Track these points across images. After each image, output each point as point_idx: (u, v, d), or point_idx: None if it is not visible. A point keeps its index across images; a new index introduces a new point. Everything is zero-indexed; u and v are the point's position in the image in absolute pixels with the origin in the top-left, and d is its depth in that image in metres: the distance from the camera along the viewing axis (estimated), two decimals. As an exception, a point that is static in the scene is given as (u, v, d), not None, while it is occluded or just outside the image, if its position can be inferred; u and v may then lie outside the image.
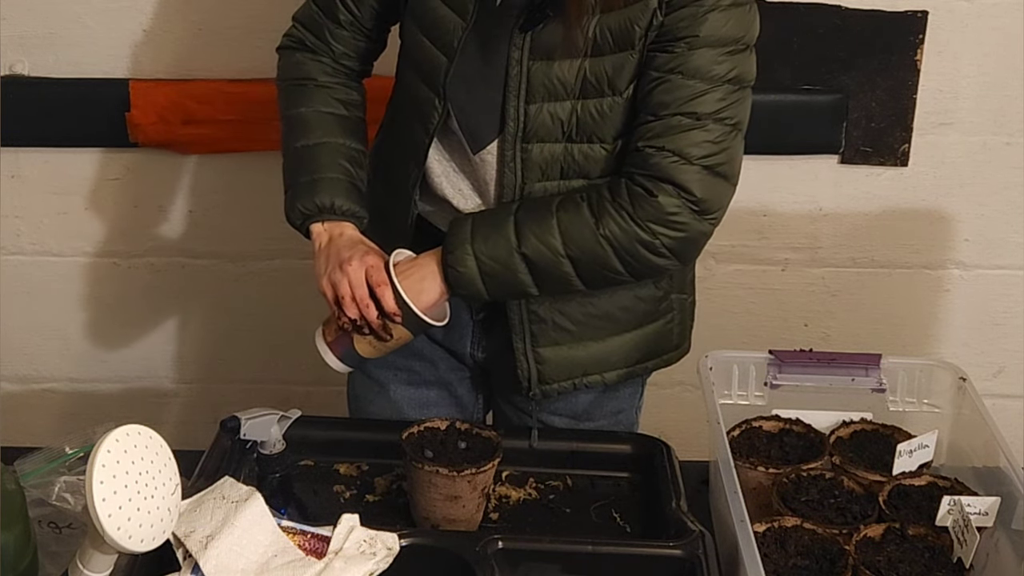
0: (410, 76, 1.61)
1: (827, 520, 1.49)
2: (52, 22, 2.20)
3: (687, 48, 1.45)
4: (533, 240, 1.50)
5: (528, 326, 1.63)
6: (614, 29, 1.46)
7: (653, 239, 1.49)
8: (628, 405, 1.78)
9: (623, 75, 1.49)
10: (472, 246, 1.50)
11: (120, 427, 1.23)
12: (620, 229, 1.49)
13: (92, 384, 2.50)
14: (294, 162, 1.62)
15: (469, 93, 1.54)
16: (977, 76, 2.22)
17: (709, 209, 1.49)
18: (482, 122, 1.55)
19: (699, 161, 1.47)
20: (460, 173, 1.61)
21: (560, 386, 1.67)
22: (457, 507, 1.49)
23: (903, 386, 1.70)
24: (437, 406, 1.78)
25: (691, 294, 1.75)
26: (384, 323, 1.51)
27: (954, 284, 2.37)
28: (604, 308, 1.64)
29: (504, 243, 1.50)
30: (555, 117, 1.51)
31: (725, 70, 1.46)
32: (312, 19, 1.66)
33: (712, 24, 1.45)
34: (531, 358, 1.65)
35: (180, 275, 2.40)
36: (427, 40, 1.55)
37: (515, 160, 1.54)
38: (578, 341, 1.65)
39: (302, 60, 1.66)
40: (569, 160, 1.53)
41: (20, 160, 2.31)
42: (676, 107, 1.46)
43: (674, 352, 1.74)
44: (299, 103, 1.64)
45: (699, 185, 1.48)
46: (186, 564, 1.30)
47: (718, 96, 1.47)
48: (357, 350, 1.55)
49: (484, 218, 1.54)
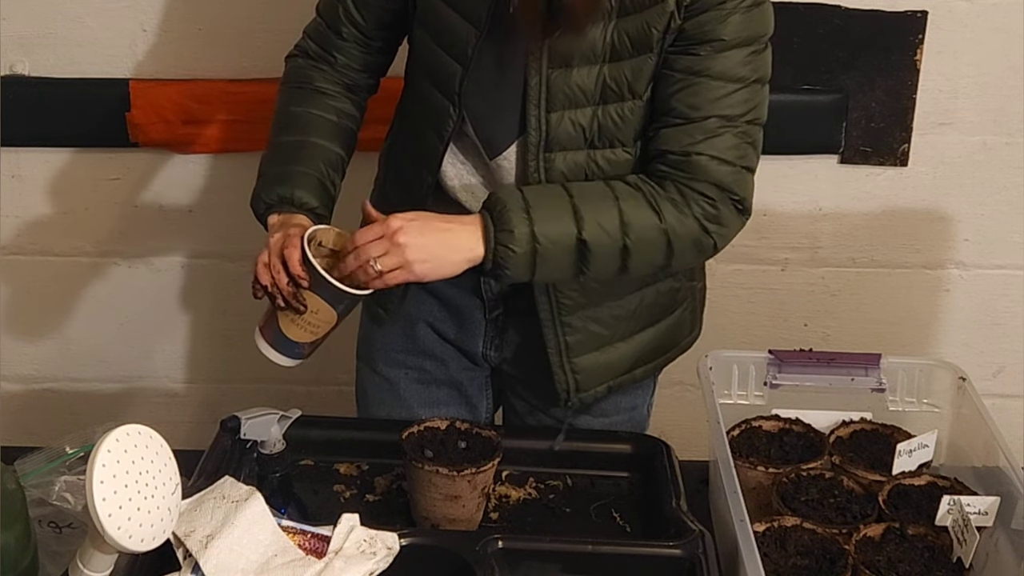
0: (422, 83, 1.59)
1: (827, 520, 1.49)
2: (52, 22, 2.20)
3: (713, 51, 1.45)
4: (595, 227, 1.46)
5: (563, 338, 1.63)
6: (631, 33, 1.46)
7: (708, 237, 1.50)
8: (641, 402, 1.79)
9: (642, 78, 1.49)
10: (532, 226, 1.44)
11: (120, 427, 1.22)
12: (680, 224, 1.49)
13: (92, 384, 2.50)
14: (271, 154, 1.61)
15: (485, 101, 1.53)
16: (977, 76, 2.22)
17: (748, 207, 1.53)
18: (498, 129, 1.54)
19: (737, 162, 1.49)
20: (474, 175, 1.61)
21: (596, 391, 1.68)
22: (457, 507, 1.49)
23: (903, 386, 1.70)
24: (447, 405, 1.77)
25: (700, 280, 1.76)
26: (296, 292, 1.46)
27: (954, 284, 2.37)
28: (629, 307, 1.65)
29: (566, 227, 1.46)
30: (576, 124, 1.50)
31: (750, 71, 1.47)
32: (317, 31, 1.66)
33: (735, 26, 1.45)
34: (568, 370, 1.65)
35: (180, 275, 2.40)
36: (439, 48, 1.54)
37: (539, 171, 1.53)
38: (609, 344, 1.66)
39: (304, 66, 1.66)
40: (592, 167, 1.53)
41: (20, 160, 2.31)
42: (707, 110, 1.47)
43: (688, 338, 1.76)
44: (292, 103, 1.64)
45: (738, 184, 1.50)
46: (186, 564, 1.30)
47: (746, 96, 1.48)
48: (285, 332, 1.49)
49: (538, 197, 1.47)
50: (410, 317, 1.74)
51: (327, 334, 1.50)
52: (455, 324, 1.73)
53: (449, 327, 1.74)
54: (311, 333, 1.49)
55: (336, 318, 1.48)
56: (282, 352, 1.51)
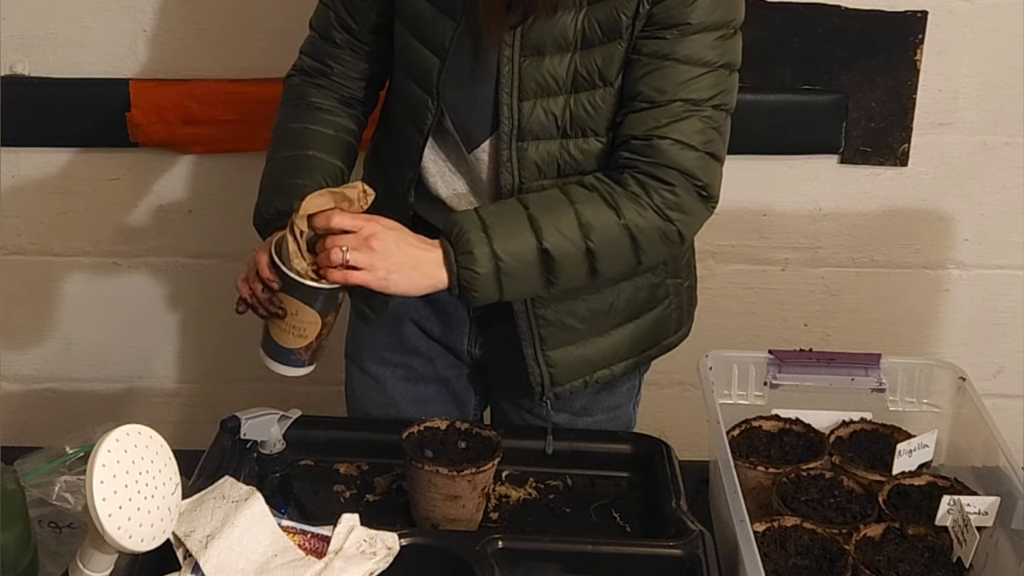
0: (402, 78, 1.60)
1: (827, 520, 1.49)
2: (52, 22, 2.20)
3: (680, 35, 1.46)
4: (555, 234, 1.46)
5: (537, 331, 1.63)
6: (601, 20, 1.46)
7: (670, 225, 1.50)
8: (626, 401, 1.79)
9: (612, 65, 1.49)
10: (491, 245, 1.45)
11: (120, 427, 1.22)
12: (641, 217, 1.48)
13: (92, 384, 2.50)
14: (269, 169, 1.61)
15: (462, 92, 1.54)
16: (977, 76, 2.22)
17: (713, 194, 1.51)
18: (476, 121, 1.55)
19: (702, 147, 1.48)
20: (455, 173, 1.61)
21: (572, 386, 1.68)
22: (457, 507, 1.49)
23: (903, 386, 1.70)
24: (435, 402, 1.78)
25: (687, 278, 1.75)
26: (271, 297, 1.45)
27: (954, 284, 2.37)
28: (607, 302, 1.64)
29: (525, 240, 1.46)
30: (549, 113, 1.50)
31: (718, 55, 1.47)
32: (312, 44, 1.66)
33: (703, 10, 1.45)
34: (542, 362, 1.65)
35: (180, 275, 2.40)
36: (417, 42, 1.54)
37: (511, 160, 1.53)
38: (585, 339, 1.65)
39: (301, 84, 1.66)
40: (566, 156, 1.53)
41: (20, 160, 2.30)
42: (673, 93, 1.47)
43: (674, 337, 1.75)
44: (290, 120, 1.63)
45: (702, 170, 1.49)
46: (186, 564, 1.30)
47: (712, 81, 1.47)
48: (277, 341, 1.48)
49: (494, 215, 1.47)
50: (396, 315, 1.75)
51: (320, 337, 1.49)
52: (440, 322, 1.74)
53: (434, 325, 1.74)
54: (301, 337, 1.48)
55: (319, 318, 1.46)
56: (281, 362, 1.50)
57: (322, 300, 1.45)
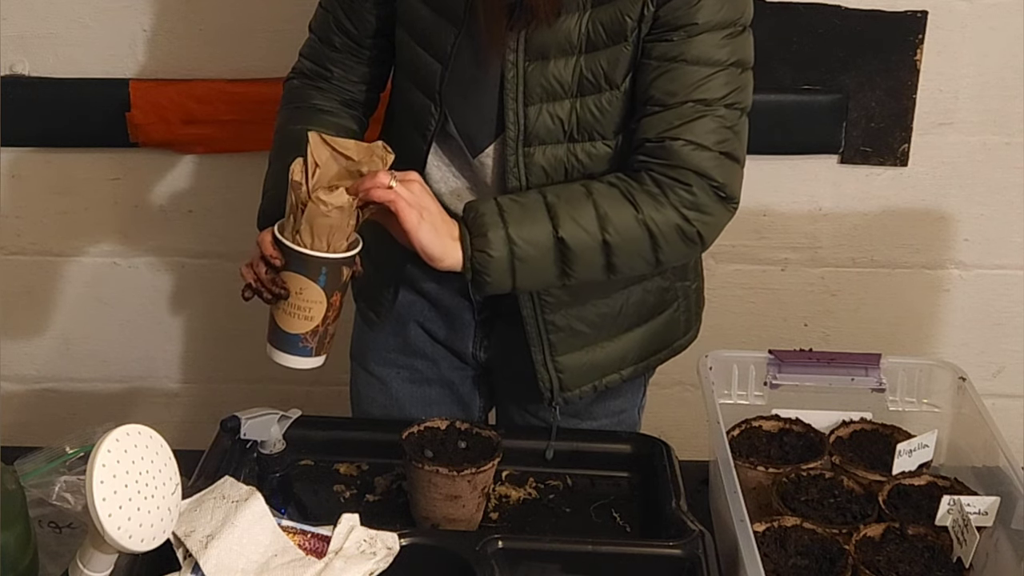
0: (405, 84, 1.60)
1: (827, 520, 1.49)
2: (52, 22, 2.21)
3: (686, 36, 1.45)
4: (571, 224, 1.45)
5: (546, 336, 1.63)
6: (606, 23, 1.46)
7: (689, 225, 1.48)
8: (631, 404, 1.78)
9: (619, 69, 1.48)
10: (506, 229, 1.44)
11: (120, 427, 1.22)
12: (659, 214, 1.47)
13: (92, 384, 2.50)
14: (271, 172, 1.60)
15: (465, 97, 1.54)
16: (976, 76, 2.22)
17: (731, 194, 1.50)
18: (479, 127, 1.54)
19: (716, 147, 1.47)
20: (459, 177, 1.60)
21: (581, 391, 1.67)
22: (457, 507, 1.49)
23: (903, 386, 1.70)
24: (439, 404, 1.77)
25: (695, 280, 1.75)
26: (275, 277, 1.43)
27: (954, 284, 2.37)
28: (616, 306, 1.64)
29: (541, 227, 1.45)
30: (555, 117, 1.50)
31: (727, 54, 1.46)
32: (311, 48, 1.66)
33: (708, 10, 1.45)
34: (551, 368, 1.65)
35: (180, 275, 2.40)
36: (420, 48, 1.54)
37: (518, 165, 1.52)
38: (595, 343, 1.65)
39: (301, 87, 1.66)
40: (573, 160, 1.53)
41: (20, 160, 2.31)
42: (684, 95, 1.46)
43: (682, 340, 1.75)
44: (291, 122, 1.62)
45: (718, 171, 1.48)
46: (186, 564, 1.30)
47: (723, 80, 1.47)
48: (282, 327, 1.46)
49: (512, 202, 1.46)
50: (401, 318, 1.74)
51: (326, 321, 1.45)
52: (445, 325, 1.73)
53: (439, 327, 1.74)
54: (305, 319, 1.45)
55: (324, 296, 1.44)
56: (286, 350, 1.47)
57: (326, 274, 1.43)
